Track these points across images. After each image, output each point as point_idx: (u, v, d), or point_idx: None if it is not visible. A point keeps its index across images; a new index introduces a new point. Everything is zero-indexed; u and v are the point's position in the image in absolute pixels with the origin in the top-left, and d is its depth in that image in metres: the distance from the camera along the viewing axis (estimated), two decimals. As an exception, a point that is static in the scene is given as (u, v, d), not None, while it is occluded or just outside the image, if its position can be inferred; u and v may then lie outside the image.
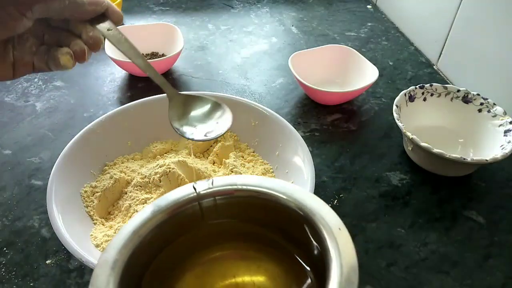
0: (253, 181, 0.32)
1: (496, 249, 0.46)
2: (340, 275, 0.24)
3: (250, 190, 0.31)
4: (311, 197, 0.30)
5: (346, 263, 0.25)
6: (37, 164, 0.55)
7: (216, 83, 0.71)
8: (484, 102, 0.56)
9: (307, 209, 0.29)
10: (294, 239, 0.32)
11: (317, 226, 0.28)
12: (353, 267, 0.24)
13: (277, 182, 0.31)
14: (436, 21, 0.75)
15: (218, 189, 0.31)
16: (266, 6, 0.97)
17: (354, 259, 0.25)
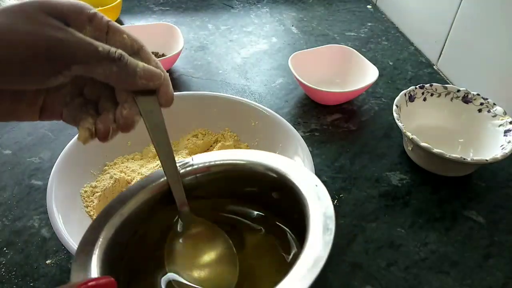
0: (230, 155, 0.33)
1: (496, 249, 0.46)
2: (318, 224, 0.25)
3: (225, 164, 0.32)
4: (285, 160, 0.31)
5: (323, 213, 0.26)
6: (37, 164, 0.55)
7: (216, 83, 0.71)
8: (484, 102, 0.56)
9: (281, 171, 0.30)
10: (275, 207, 0.33)
11: (293, 185, 0.29)
12: (330, 216, 0.26)
13: (251, 152, 0.33)
14: (436, 21, 0.75)
15: (197, 166, 0.32)
16: (266, 6, 0.97)
17: (331, 208, 0.26)
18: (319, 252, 0.23)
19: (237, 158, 0.33)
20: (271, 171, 0.31)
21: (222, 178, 0.33)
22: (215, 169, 0.33)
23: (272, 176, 0.31)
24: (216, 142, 0.55)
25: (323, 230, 0.25)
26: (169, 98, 0.30)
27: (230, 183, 0.34)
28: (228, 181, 0.34)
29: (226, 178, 0.33)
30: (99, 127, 0.29)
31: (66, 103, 0.29)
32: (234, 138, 0.55)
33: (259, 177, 0.32)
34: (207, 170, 0.33)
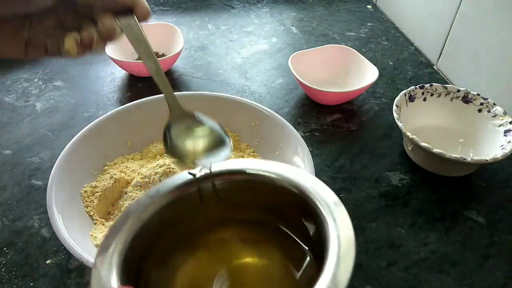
0: (250, 164, 0.33)
1: (496, 249, 0.46)
2: (338, 247, 0.24)
3: (246, 173, 0.32)
4: (306, 175, 0.30)
5: (344, 235, 0.25)
6: (37, 164, 0.55)
7: (216, 83, 0.71)
8: (484, 102, 0.56)
9: (301, 187, 0.30)
10: (292, 220, 0.32)
11: (312, 202, 0.28)
12: (350, 239, 0.25)
13: (272, 164, 0.32)
14: (436, 21, 0.75)
15: (215, 172, 0.32)
16: (266, 6, 0.97)
17: (351, 231, 0.25)
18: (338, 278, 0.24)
19: (258, 168, 0.32)
20: (293, 186, 0.30)
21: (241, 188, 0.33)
22: (235, 178, 0.33)
23: (293, 191, 0.30)
24: (216, 142, 0.55)
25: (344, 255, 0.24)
26: (146, 12, 0.32)
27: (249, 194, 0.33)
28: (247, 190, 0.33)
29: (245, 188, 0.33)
30: (83, 35, 0.31)
31: (50, 34, 0.32)
32: (234, 138, 0.55)
33: (279, 190, 0.31)
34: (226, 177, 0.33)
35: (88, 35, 0.31)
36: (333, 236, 0.25)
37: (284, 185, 0.31)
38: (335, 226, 0.26)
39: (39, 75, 0.72)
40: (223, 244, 0.34)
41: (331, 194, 0.28)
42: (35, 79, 0.71)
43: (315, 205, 0.28)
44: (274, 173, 0.31)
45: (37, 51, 0.32)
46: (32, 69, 0.73)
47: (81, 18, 0.32)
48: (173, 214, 0.31)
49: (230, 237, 0.34)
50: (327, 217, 0.27)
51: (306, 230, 0.30)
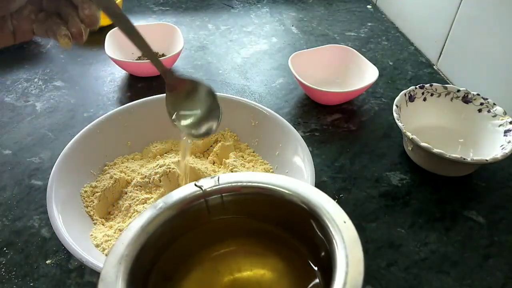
0: (259, 177, 0.32)
1: (496, 249, 0.46)
2: (346, 266, 0.24)
3: (255, 187, 0.32)
4: (316, 191, 0.30)
5: (352, 255, 0.25)
6: (37, 164, 0.55)
7: (216, 83, 0.71)
8: (484, 102, 0.56)
9: (311, 203, 0.29)
10: (301, 235, 0.32)
11: (322, 220, 0.28)
12: (359, 259, 0.24)
13: (281, 178, 0.32)
14: (436, 21, 0.75)
15: (224, 186, 0.32)
16: (266, 6, 0.97)
17: (360, 250, 0.25)
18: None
19: (267, 182, 0.32)
20: (303, 202, 0.30)
21: (250, 201, 0.33)
22: (244, 191, 0.32)
23: (303, 207, 0.30)
24: (216, 142, 0.55)
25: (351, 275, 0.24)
26: None
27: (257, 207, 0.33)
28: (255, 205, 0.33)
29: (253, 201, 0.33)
30: (72, 31, 0.33)
31: (33, 20, 0.34)
32: (234, 138, 0.55)
33: (288, 205, 0.31)
34: (235, 190, 0.32)
35: (76, 29, 0.33)
36: (341, 258, 0.25)
37: (293, 200, 0.30)
38: (344, 246, 0.25)
39: (39, 75, 0.72)
40: (229, 256, 0.34)
41: (340, 212, 0.28)
42: (35, 79, 0.71)
43: (324, 223, 0.28)
44: (284, 187, 0.31)
45: (25, 36, 0.34)
46: (32, 69, 0.73)
47: (57, 1, 0.33)
48: (180, 225, 0.31)
49: (236, 249, 0.34)
50: (336, 236, 0.26)
51: (316, 247, 0.30)
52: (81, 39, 0.34)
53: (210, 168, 0.51)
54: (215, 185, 0.32)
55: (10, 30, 0.33)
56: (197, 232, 0.33)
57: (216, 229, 0.33)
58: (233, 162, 0.51)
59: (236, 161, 0.51)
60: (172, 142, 0.56)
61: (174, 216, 0.31)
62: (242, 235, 0.35)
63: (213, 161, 0.53)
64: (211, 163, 0.53)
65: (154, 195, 0.46)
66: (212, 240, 0.33)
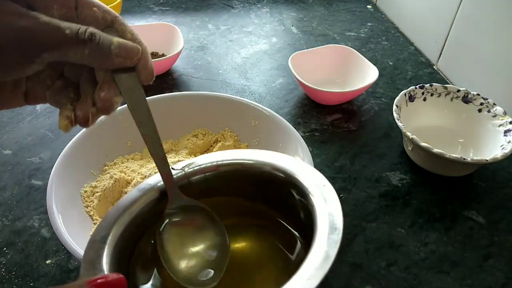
0: (236, 154, 0.33)
1: (496, 249, 0.46)
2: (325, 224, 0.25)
3: (234, 163, 0.33)
4: (293, 160, 0.31)
5: (331, 213, 0.26)
6: (37, 164, 0.55)
7: (216, 83, 0.71)
8: (484, 102, 0.56)
9: (289, 171, 0.30)
10: (282, 207, 0.33)
11: (301, 185, 0.29)
12: (337, 216, 0.25)
13: (259, 152, 0.33)
14: (436, 21, 0.75)
15: (205, 166, 0.32)
16: (266, 6, 0.97)
17: (339, 210, 0.26)
18: (327, 252, 0.23)
19: (245, 157, 0.33)
20: (279, 171, 0.31)
21: (230, 177, 0.33)
22: (223, 168, 0.33)
23: (280, 176, 0.31)
24: (216, 142, 0.55)
25: (330, 230, 0.24)
26: (149, 73, 0.28)
27: (237, 182, 0.33)
28: (236, 180, 0.33)
29: (233, 177, 0.33)
30: (78, 113, 0.28)
31: (48, 86, 0.29)
32: (234, 138, 0.55)
33: (267, 176, 0.32)
34: (215, 169, 0.33)
35: (82, 113, 0.28)
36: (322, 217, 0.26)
37: (272, 171, 0.31)
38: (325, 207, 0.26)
39: (39, 75, 0.72)
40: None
41: (319, 177, 0.29)
42: (35, 79, 0.71)
43: (304, 188, 0.29)
44: (261, 160, 0.32)
45: (36, 101, 0.30)
46: (32, 69, 0.73)
47: (80, 70, 0.29)
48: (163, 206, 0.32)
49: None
50: (316, 199, 0.27)
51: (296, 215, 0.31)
52: (86, 124, 0.28)
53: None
54: (196, 165, 0.32)
55: (23, 92, 0.29)
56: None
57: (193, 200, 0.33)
58: (233, 162, 0.51)
59: (236, 161, 0.51)
60: (172, 142, 0.56)
61: (157, 197, 0.31)
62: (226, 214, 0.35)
63: (213, 161, 0.53)
64: (211, 163, 0.53)
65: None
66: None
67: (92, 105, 0.28)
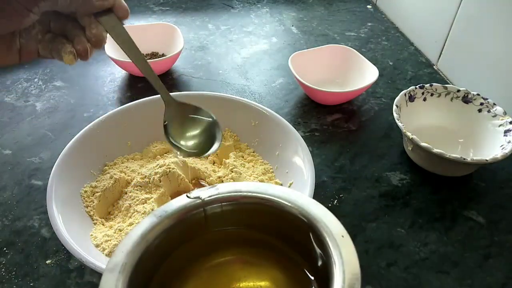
0: (258, 187, 0.32)
1: (496, 249, 0.46)
2: (342, 282, 0.24)
3: (255, 197, 0.31)
4: (315, 204, 0.30)
5: (349, 270, 0.25)
6: (37, 164, 0.55)
7: (216, 83, 0.71)
8: (484, 102, 0.56)
9: (311, 216, 0.29)
10: (299, 247, 0.32)
11: (320, 233, 0.28)
12: (355, 275, 0.25)
13: (281, 189, 0.32)
14: (436, 21, 0.75)
15: (223, 195, 0.31)
16: (266, 6, 0.97)
17: (357, 266, 0.25)
18: None
19: (267, 192, 0.32)
20: (302, 214, 0.30)
21: (249, 211, 0.33)
22: (243, 201, 0.32)
23: (302, 219, 0.30)
24: (216, 142, 0.55)
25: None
26: (125, 11, 0.35)
27: (256, 217, 0.33)
28: (254, 215, 0.33)
29: (253, 211, 0.32)
30: (78, 48, 0.33)
31: (39, 40, 0.34)
32: (234, 138, 0.55)
33: (287, 216, 0.31)
34: (234, 200, 0.32)
35: (82, 47, 0.33)
36: (338, 272, 0.25)
37: (293, 211, 0.30)
38: (341, 261, 0.26)
39: (39, 75, 0.72)
40: (227, 266, 0.34)
41: (339, 226, 0.28)
42: (35, 79, 0.71)
43: (322, 237, 0.28)
44: (284, 198, 0.31)
45: (30, 56, 0.34)
46: (32, 69, 0.73)
47: (66, 21, 0.34)
48: (179, 235, 0.31)
49: (234, 259, 0.34)
50: (334, 250, 0.26)
51: (313, 259, 0.30)
52: (86, 57, 0.34)
53: (210, 168, 0.51)
54: (214, 194, 0.31)
55: (17, 48, 0.34)
56: (195, 242, 0.33)
57: (215, 239, 0.33)
58: (233, 162, 0.51)
59: (236, 161, 0.51)
60: (172, 142, 0.56)
61: (173, 225, 0.30)
62: (240, 245, 0.35)
63: (213, 161, 0.53)
64: (211, 163, 0.53)
65: (154, 195, 0.46)
66: (211, 250, 0.33)
67: (86, 42, 0.34)
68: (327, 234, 0.28)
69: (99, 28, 0.34)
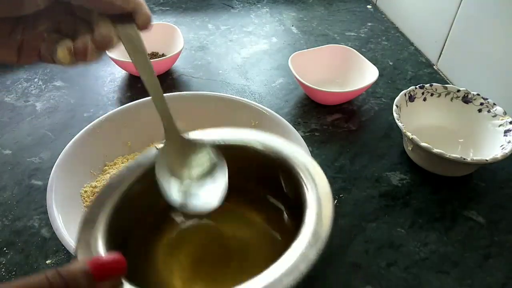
0: (231, 134, 0.34)
1: (496, 249, 0.46)
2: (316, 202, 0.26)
3: (229, 143, 0.33)
4: (285, 143, 0.32)
5: (321, 193, 0.27)
6: (37, 164, 0.55)
7: (216, 83, 0.71)
8: (484, 102, 0.56)
9: (281, 154, 0.31)
10: (272, 186, 0.34)
11: (292, 168, 0.30)
12: (327, 195, 0.27)
13: (252, 133, 0.34)
14: (436, 21, 0.75)
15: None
16: (266, 6, 0.97)
17: (328, 188, 0.27)
18: (318, 232, 0.24)
19: (239, 137, 0.34)
20: (272, 152, 0.32)
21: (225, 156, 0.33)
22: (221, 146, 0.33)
23: (272, 157, 0.32)
24: (216, 142, 0.55)
25: (320, 209, 0.26)
26: (147, 19, 0.30)
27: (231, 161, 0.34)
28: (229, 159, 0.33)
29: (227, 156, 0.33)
30: (77, 45, 0.29)
31: (44, 39, 0.30)
32: (234, 138, 0.55)
33: (260, 157, 0.33)
34: None
35: (82, 44, 0.29)
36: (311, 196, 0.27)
37: (265, 152, 0.32)
38: (314, 186, 0.28)
39: (39, 75, 0.72)
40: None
41: (307, 159, 0.30)
42: (35, 79, 0.71)
43: (293, 170, 0.30)
44: (255, 140, 0.33)
45: (30, 56, 0.30)
46: (32, 69, 0.73)
47: (78, 22, 0.30)
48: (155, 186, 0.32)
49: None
50: (305, 179, 0.28)
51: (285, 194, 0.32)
52: (84, 57, 0.29)
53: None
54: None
55: (17, 43, 0.29)
56: None
57: None
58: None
59: (236, 161, 0.51)
60: (172, 142, 0.56)
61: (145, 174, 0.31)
62: None
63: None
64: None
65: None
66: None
67: (90, 41, 0.29)
68: (298, 167, 0.30)
69: (109, 29, 0.29)
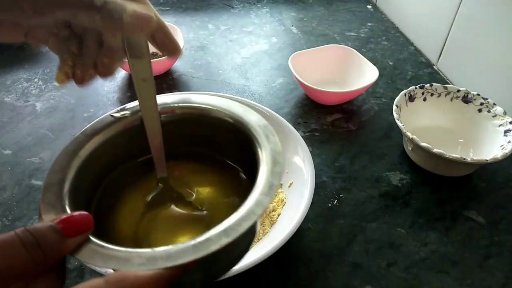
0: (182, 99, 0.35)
1: (496, 249, 0.46)
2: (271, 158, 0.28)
3: (187, 107, 0.34)
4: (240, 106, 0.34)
5: (272, 150, 0.29)
6: (37, 164, 0.55)
7: (216, 83, 0.71)
8: (484, 102, 0.56)
9: (237, 116, 0.33)
10: (228, 148, 0.35)
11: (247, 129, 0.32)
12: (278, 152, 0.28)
13: (208, 97, 0.35)
14: (436, 21, 0.75)
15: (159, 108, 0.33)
16: (266, 6, 0.97)
17: (279, 146, 0.29)
18: (271, 181, 0.26)
19: (195, 102, 0.34)
20: (227, 116, 0.33)
21: (181, 121, 0.35)
22: (177, 111, 0.34)
23: (228, 121, 0.33)
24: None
25: (273, 164, 0.28)
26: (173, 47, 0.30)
27: (187, 126, 0.35)
28: (186, 124, 0.35)
29: (184, 121, 0.34)
30: (76, 72, 0.29)
31: (53, 33, 0.29)
32: (234, 138, 0.55)
33: (216, 121, 0.34)
34: (170, 112, 0.34)
35: (80, 72, 0.29)
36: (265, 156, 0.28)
37: (220, 116, 0.33)
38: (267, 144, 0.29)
39: (39, 75, 0.72)
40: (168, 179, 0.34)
41: (262, 121, 0.31)
42: (35, 79, 0.71)
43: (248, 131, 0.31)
44: (211, 104, 0.34)
45: (37, 39, 0.30)
46: (32, 69, 0.73)
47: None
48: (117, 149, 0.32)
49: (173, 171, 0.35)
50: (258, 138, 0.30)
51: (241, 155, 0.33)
52: (81, 84, 0.29)
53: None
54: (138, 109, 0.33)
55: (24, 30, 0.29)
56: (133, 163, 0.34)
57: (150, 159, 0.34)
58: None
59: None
60: (172, 142, 0.56)
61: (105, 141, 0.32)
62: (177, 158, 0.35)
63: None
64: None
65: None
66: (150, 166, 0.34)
67: (92, 67, 0.29)
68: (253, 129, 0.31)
69: (114, 59, 0.28)
